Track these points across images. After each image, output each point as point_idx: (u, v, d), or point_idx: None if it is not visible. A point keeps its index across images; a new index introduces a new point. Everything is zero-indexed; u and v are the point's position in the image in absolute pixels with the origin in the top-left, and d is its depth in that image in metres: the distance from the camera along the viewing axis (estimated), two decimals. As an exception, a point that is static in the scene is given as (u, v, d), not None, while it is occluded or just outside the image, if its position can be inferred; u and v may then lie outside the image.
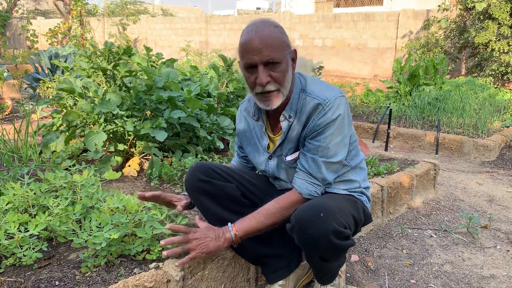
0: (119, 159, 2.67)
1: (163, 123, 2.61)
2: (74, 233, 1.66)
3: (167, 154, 2.91)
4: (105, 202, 1.77)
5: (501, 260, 2.22)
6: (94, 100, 2.76)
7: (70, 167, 2.31)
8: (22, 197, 1.85)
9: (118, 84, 3.09)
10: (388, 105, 5.08)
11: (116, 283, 1.41)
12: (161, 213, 1.73)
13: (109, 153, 2.77)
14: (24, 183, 1.97)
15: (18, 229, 1.59)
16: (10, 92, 6.72)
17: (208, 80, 3.63)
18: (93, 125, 2.72)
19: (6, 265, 1.53)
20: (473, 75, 8.43)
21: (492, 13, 7.80)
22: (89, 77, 3.13)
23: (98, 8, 14.27)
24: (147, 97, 2.75)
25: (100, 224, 1.62)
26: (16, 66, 8.43)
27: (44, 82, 5.65)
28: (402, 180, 2.75)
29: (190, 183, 1.71)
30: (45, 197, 1.85)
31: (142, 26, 18.26)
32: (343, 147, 1.55)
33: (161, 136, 2.56)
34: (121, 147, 2.70)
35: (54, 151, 2.79)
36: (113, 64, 3.15)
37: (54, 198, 1.87)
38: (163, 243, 1.48)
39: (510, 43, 7.69)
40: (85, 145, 2.60)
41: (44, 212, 1.76)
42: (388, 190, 2.61)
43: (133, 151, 2.80)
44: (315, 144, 1.52)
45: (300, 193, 1.55)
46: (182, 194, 1.82)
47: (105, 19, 17.99)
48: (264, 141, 1.69)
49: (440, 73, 6.39)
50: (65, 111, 2.87)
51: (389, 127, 4.46)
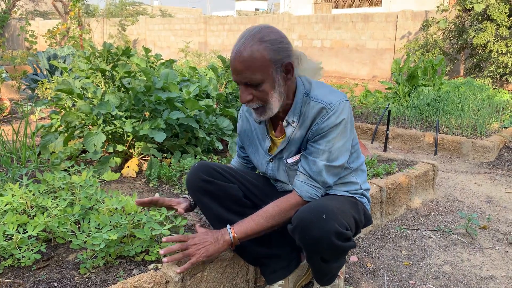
0: (118, 160, 2.67)
1: (162, 124, 2.61)
2: (73, 234, 1.66)
3: (166, 155, 2.91)
4: (104, 203, 1.77)
5: (500, 261, 2.22)
6: (93, 101, 2.76)
7: (68, 168, 2.31)
8: (20, 198, 1.84)
9: (117, 85, 3.09)
10: (387, 106, 5.09)
11: (115, 284, 1.41)
12: (160, 214, 1.73)
13: (108, 154, 2.77)
14: (23, 184, 1.96)
15: (16, 230, 1.59)
16: (9, 93, 6.70)
17: (207, 81, 3.63)
18: (92, 126, 2.72)
19: (5, 266, 1.53)
20: (472, 76, 8.44)
21: (491, 14, 7.81)
22: (87, 78, 3.13)
23: (98, 9, 14.29)
24: (146, 98, 2.75)
25: (99, 225, 1.62)
26: (14, 67, 8.41)
27: (42, 83, 5.64)
28: (401, 181, 2.75)
29: (192, 183, 1.70)
30: (43, 198, 1.84)
31: (141, 27, 18.26)
32: (345, 151, 1.55)
33: (160, 137, 2.56)
34: (120, 148, 2.70)
35: (53, 152, 2.79)
36: (112, 65, 3.16)
37: (52, 199, 1.86)
38: (162, 252, 1.48)
39: (509, 44, 7.71)
40: (84, 146, 2.60)
41: (43, 213, 1.76)
42: (387, 191, 2.61)
43: (132, 152, 2.80)
44: (318, 148, 1.52)
45: (300, 195, 1.55)
46: (181, 197, 1.81)
47: (104, 20, 18.00)
48: (266, 143, 1.68)
49: (438, 74, 6.39)
50: (63, 112, 2.86)
51: (388, 128, 4.46)
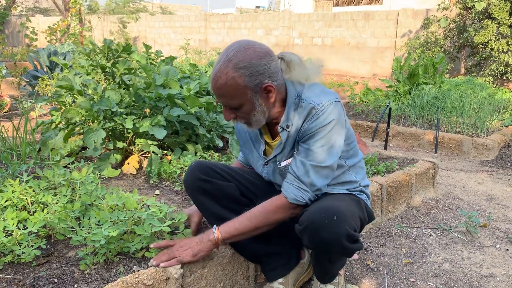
0: (118, 156, 2.66)
1: (163, 121, 2.60)
2: (73, 230, 1.65)
3: (166, 152, 2.90)
4: (104, 200, 1.77)
5: (500, 259, 2.22)
6: (93, 98, 2.75)
7: (69, 164, 2.30)
8: (20, 194, 1.84)
9: (117, 82, 3.08)
10: (388, 104, 5.08)
11: (115, 280, 1.40)
12: (160, 211, 1.73)
13: (108, 151, 2.76)
14: (23, 180, 1.96)
15: (16, 226, 1.58)
16: (9, 90, 6.69)
17: (208, 78, 3.62)
18: (92, 122, 2.71)
19: (5, 262, 1.52)
20: (472, 74, 8.42)
21: (492, 13, 7.80)
22: (88, 74, 3.12)
23: (98, 6, 14.28)
24: (146, 94, 2.74)
25: (99, 221, 1.61)
26: (15, 63, 8.39)
27: (42, 80, 5.63)
28: (402, 179, 2.75)
29: (190, 182, 1.71)
30: (44, 195, 1.84)
31: (141, 24, 18.22)
32: (334, 152, 1.50)
33: (160, 134, 2.55)
34: (120, 144, 2.69)
35: (53, 148, 2.78)
36: (112, 61, 3.15)
37: (53, 196, 1.86)
38: (152, 246, 1.58)
39: (509, 43, 7.69)
40: (84, 142, 2.60)
41: (43, 210, 1.76)
42: (388, 188, 2.61)
43: (132, 149, 2.80)
44: (305, 148, 1.50)
45: (285, 197, 1.52)
46: (189, 209, 1.88)
47: (105, 17, 17.97)
48: (261, 146, 1.68)
49: (439, 72, 6.39)
50: (64, 108, 2.85)
51: (388, 125, 4.46)
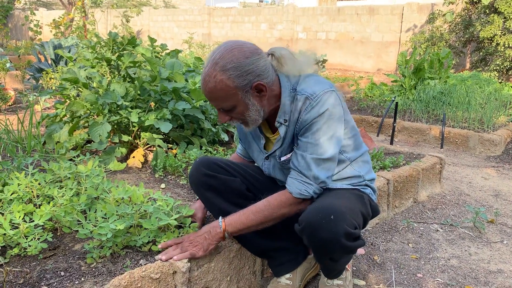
0: (123, 150, 2.65)
1: (168, 114, 2.59)
2: (79, 223, 1.64)
3: (171, 145, 2.89)
4: (110, 193, 1.75)
5: (508, 255, 2.20)
6: (98, 91, 2.73)
7: (74, 157, 2.29)
8: (26, 187, 1.83)
9: (122, 75, 3.06)
10: (393, 99, 5.05)
11: (122, 274, 1.39)
12: (167, 204, 1.71)
13: (113, 144, 2.75)
14: (29, 173, 1.95)
15: (23, 219, 1.58)
16: (13, 83, 6.69)
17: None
18: (97, 116, 2.70)
19: (11, 255, 1.52)
20: (478, 69, 8.36)
21: (498, 7, 7.72)
22: (93, 67, 3.10)
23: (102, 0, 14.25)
24: (151, 88, 2.73)
25: (105, 215, 1.60)
26: (19, 56, 8.39)
27: (47, 73, 5.62)
28: (408, 174, 2.73)
29: (195, 178, 1.70)
30: (49, 188, 1.83)
31: (145, 18, 18.16)
32: (334, 143, 1.47)
33: (166, 127, 2.54)
34: (125, 138, 2.68)
35: (58, 141, 2.77)
36: (117, 54, 3.13)
37: (58, 189, 1.85)
38: (160, 246, 1.56)
39: (516, 38, 7.62)
40: (89, 136, 2.59)
41: (49, 203, 1.75)
42: (394, 183, 2.59)
43: (137, 143, 2.79)
44: (304, 141, 1.48)
45: (290, 192, 1.50)
46: (193, 205, 1.86)
47: (108, 11, 17.92)
48: (261, 141, 1.66)
49: (445, 67, 6.33)
50: (68, 101, 2.84)
51: (395, 120, 4.42)
